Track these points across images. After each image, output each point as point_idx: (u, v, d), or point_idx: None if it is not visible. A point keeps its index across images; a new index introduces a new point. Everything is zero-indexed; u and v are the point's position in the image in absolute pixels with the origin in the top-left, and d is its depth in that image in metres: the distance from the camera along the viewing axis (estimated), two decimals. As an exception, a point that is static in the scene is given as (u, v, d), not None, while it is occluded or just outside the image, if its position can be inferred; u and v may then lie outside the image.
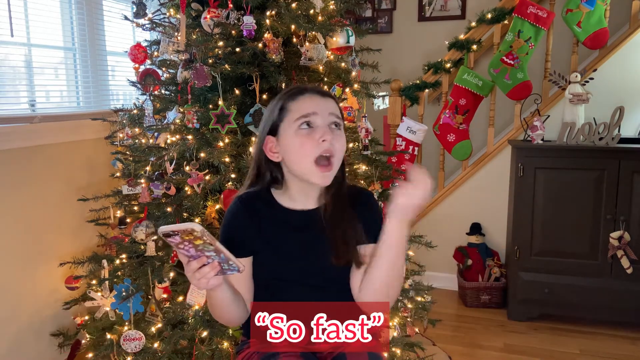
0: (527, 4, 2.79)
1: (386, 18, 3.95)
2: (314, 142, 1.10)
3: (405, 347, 1.86)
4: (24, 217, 2.05)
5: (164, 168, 1.77)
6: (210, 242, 0.93)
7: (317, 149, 1.10)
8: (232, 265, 1.00)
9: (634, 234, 2.56)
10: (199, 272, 0.98)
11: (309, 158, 1.10)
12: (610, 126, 2.57)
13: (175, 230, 0.91)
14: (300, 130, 1.11)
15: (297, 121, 1.12)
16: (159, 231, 0.93)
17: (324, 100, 1.14)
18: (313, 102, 1.13)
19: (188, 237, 0.92)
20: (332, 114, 1.13)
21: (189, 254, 0.98)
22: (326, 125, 1.12)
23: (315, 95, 1.15)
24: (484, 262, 3.00)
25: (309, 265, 1.17)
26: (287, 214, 1.18)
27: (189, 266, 0.98)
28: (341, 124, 1.15)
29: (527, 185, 2.70)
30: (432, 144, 3.38)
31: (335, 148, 1.11)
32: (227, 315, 1.15)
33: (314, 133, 1.10)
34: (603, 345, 2.53)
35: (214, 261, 0.99)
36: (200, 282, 0.99)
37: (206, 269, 0.98)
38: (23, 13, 2.09)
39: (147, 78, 1.94)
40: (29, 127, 2.06)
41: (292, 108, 1.13)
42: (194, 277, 0.99)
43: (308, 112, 1.11)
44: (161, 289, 1.71)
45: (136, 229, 1.69)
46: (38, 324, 2.13)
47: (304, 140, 1.10)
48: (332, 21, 1.84)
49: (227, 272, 1.01)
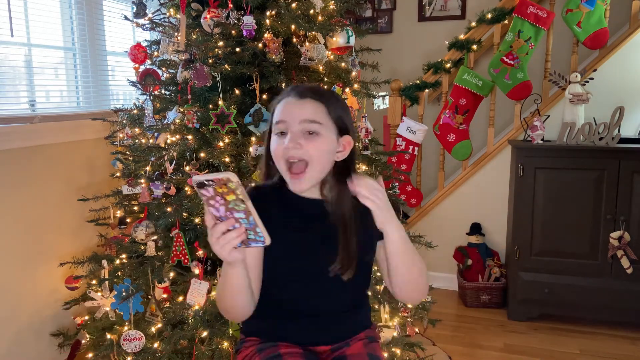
0: (527, 4, 2.79)
1: (386, 18, 3.95)
2: (282, 147, 1.12)
3: (405, 347, 1.86)
4: (24, 217, 2.05)
5: (164, 168, 1.77)
6: (243, 198, 0.91)
7: (284, 153, 1.11)
8: (258, 234, 0.97)
9: (634, 234, 2.56)
10: (224, 237, 0.96)
11: (281, 162, 1.13)
12: (610, 126, 2.57)
13: (211, 179, 0.88)
14: (275, 135, 1.15)
15: (274, 126, 1.15)
16: (194, 180, 0.90)
17: (298, 105, 1.13)
18: (287, 108, 1.14)
19: (221, 190, 0.90)
20: (304, 121, 1.11)
21: (217, 213, 0.95)
22: (297, 132, 1.11)
23: (293, 100, 1.14)
24: (484, 262, 3.00)
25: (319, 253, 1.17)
26: (298, 201, 1.18)
27: (215, 229, 0.96)
28: (318, 130, 1.12)
29: (527, 185, 2.70)
30: (432, 144, 3.38)
31: (307, 153, 1.10)
32: (238, 303, 1.13)
33: (283, 138, 1.12)
34: (603, 345, 2.53)
35: (242, 226, 0.96)
36: (224, 248, 0.97)
37: (232, 233, 0.96)
38: (23, 13, 2.09)
39: (147, 78, 1.94)
40: (29, 127, 2.06)
41: (275, 112, 1.17)
42: (218, 243, 0.97)
43: (279, 119, 1.14)
44: (161, 289, 1.71)
45: (136, 229, 1.69)
46: (38, 324, 2.13)
47: (276, 145, 1.14)
48: (332, 21, 1.84)
49: (251, 243, 0.99)
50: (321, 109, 1.14)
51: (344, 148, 1.17)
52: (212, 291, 1.62)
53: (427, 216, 3.23)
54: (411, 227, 3.18)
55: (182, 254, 1.67)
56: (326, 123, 1.13)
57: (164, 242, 1.77)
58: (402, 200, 3.03)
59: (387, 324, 1.82)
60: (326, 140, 1.13)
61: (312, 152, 1.11)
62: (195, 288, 1.59)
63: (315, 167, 1.12)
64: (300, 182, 1.12)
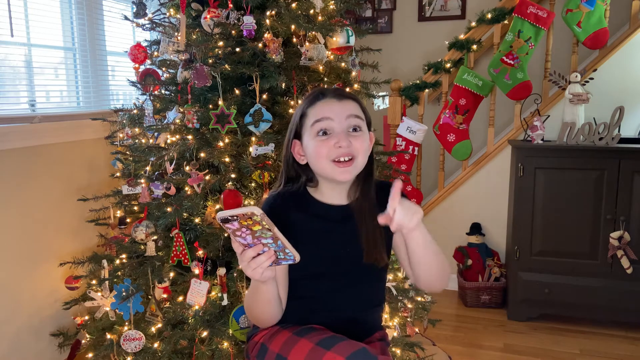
0: (527, 4, 2.79)
1: (386, 18, 3.95)
2: (330, 147, 1.15)
3: (405, 347, 1.86)
4: (24, 217, 2.05)
5: (164, 168, 1.77)
6: (269, 227, 0.93)
7: (333, 152, 1.14)
8: (288, 254, 0.99)
9: (634, 234, 2.56)
10: (254, 261, 0.98)
11: (325, 159, 1.15)
12: (610, 126, 2.57)
13: (235, 215, 0.90)
14: (317, 137, 1.17)
15: (313, 126, 1.17)
16: (218, 216, 0.91)
17: (340, 104, 1.18)
18: (328, 107, 1.17)
19: (246, 222, 0.91)
20: (350, 117, 1.16)
21: (245, 242, 0.97)
22: (343, 129, 1.16)
23: (332, 99, 1.19)
24: (484, 262, 3.00)
25: (342, 256, 1.21)
26: (324, 208, 1.22)
27: (244, 255, 0.98)
28: (361, 126, 1.18)
29: (527, 185, 2.70)
30: (432, 144, 3.38)
31: (354, 148, 1.15)
32: (267, 312, 1.15)
33: (330, 139, 1.15)
34: (603, 345, 2.53)
35: (270, 249, 0.98)
36: (256, 271, 0.99)
37: (262, 257, 0.98)
38: (23, 13, 2.09)
39: (147, 78, 1.94)
40: (29, 127, 2.06)
41: (309, 113, 1.19)
42: (249, 267, 0.99)
43: (322, 116, 1.16)
44: (161, 289, 1.71)
45: (136, 229, 1.69)
46: (38, 324, 2.13)
47: (319, 144, 1.16)
48: (332, 21, 1.84)
49: (281, 262, 1.00)
50: (359, 106, 1.22)
51: (371, 142, 1.24)
52: (212, 291, 1.62)
53: (427, 216, 3.22)
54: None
55: (182, 254, 1.67)
56: (363, 118, 1.21)
57: (164, 242, 1.77)
58: (402, 200, 3.02)
59: (387, 324, 1.83)
60: (366, 136, 1.20)
61: (359, 147, 1.16)
62: (195, 288, 1.59)
63: (360, 160, 1.17)
64: (347, 170, 1.15)
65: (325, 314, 1.21)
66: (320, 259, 1.20)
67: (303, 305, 1.21)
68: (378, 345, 1.24)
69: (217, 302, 1.60)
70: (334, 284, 1.21)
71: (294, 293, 1.21)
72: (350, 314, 1.22)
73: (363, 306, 1.25)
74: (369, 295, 1.26)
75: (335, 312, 1.21)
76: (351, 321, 1.22)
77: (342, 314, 1.21)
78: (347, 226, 1.21)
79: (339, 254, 1.21)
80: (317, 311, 1.21)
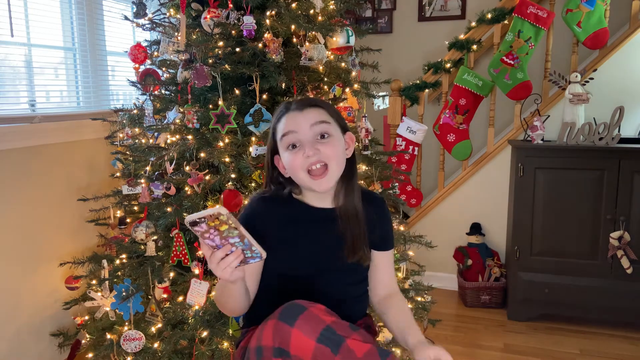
0: (527, 4, 2.79)
1: (386, 18, 3.95)
2: (300, 158, 1.16)
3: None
4: (24, 217, 2.05)
5: (164, 168, 1.77)
6: (235, 226, 0.96)
7: (305, 163, 1.16)
8: (255, 252, 1.02)
9: (634, 234, 2.56)
10: (223, 261, 1.01)
11: (301, 170, 1.17)
12: (610, 126, 2.57)
13: (202, 217, 0.93)
14: (288, 150, 1.19)
15: (282, 141, 1.20)
16: (186, 220, 0.95)
17: (303, 114, 1.19)
18: (292, 120, 1.19)
19: (214, 223, 0.95)
20: (314, 125, 1.17)
21: (213, 244, 1.00)
22: (309, 139, 1.16)
23: (294, 111, 1.20)
24: (484, 262, 2.99)
25: (325, 256, 1.23)
26: (308, 211, 1.24)
27: (214, 256, 1.01)
28: (329, 131, 1.18)
29: (527, 185, 2.70)
30: (432, 144, 3.38)
31: (325, 155, 1.16)
32: (234, 305, 1.19)
33: (299, 151, 1.17)
34: (603, 345, 2.53)
35: (238, 249, 1.01)
36: (225, 271, 1.02)
37: (230, 257, 1.01)
38: (23, 13, 2.09)
39: (147, 78, 1.94)
40: (29, 127, 2.06)
41: (278, 129, 1.21)
42: (219, 268, 1.02)
43: (286, 131, 1.18)
44: (161, 289, 1.71)
45: (136, 229, 1.69)
46: (38, 324, 2.13)
47: (292, 158, 1.18)
48: (332, 21, 1.84)
49: (249, 260, 1.04)
50: (323, 111, 1.21)
51: (348, 145, 1.24)
52: (212, 291, 1.62)
53: (427, 216, 3.23)
54: (411, 227, 3.18)
55: (182, 254, 1.67)
56: (332, 122, 1.21)
57: (164, 242, 1.77)
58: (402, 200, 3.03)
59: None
60: (337, 140, 1.19)
61: (329, 153, 1.16)
62: (195, 288, 1.59)
63: (334, 167, 1.18)
64: (322, 182, 1.17)
65: None
66: (302, 259, 1.22)
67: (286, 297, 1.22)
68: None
69: (217, 302, 1.60)
70: (315, 283, 1.22)
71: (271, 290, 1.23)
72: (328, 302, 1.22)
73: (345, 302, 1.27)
74: (350, 292, 1.28)
75: None
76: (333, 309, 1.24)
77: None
78: (330, 227, 1.23)
79: (321, 254, 1.23)
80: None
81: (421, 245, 2.08)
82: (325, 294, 1.20)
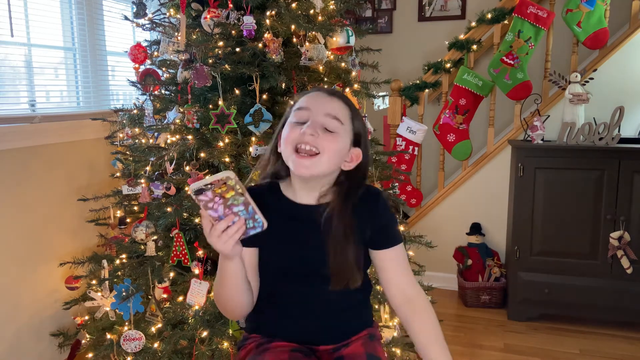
0: (527, 4, 2.79)
1: (386, 18, 3.95)
2: (297, 132, 1.10)
3: (405, 347, 1.86)
4: (24, 217, 2.05)
5: (164, 168, 1.77)
6: (242, 191, 0.94)
7: (298, 138, 1.10)
8: (257, 221, 1.00)
9: (634, 234, 2.56)
10: (225, 233, 0.99)
11: (290, 145, 1.10)
12: (610, 126, 2.57)
13: (209, 183, 0.91)
14: (292, 123, 1.14)
15: (294, 112, 1.14)
16: (191, 188, 0.92)
17: (326, 99, 1.14)
18: (314, 98, 1.14)
19: (220, 190, 0.93)
20: (327, 115, 1.11)
21: (216, 214, 0.98)
22: (318, 122, 1.11)
23: (321, 93, 1.16)
24: (484, 262, 2.99)
25: (307, 258, 1.15)
26: (292, 207, 1.17)
27: (215, 228, 0.99)
28: (338, 130, 1.11)
29: (527, 185, 2.70)
30: (432, 144, 3.38)
31: (321, 145, 1.09)
32: (236, 298, 1.12)
33: (301, 126, 1.11)
34: (603, 345, 2.53)
35: (240, 218, 0.99)
36: (227, 244, 0.99)
37: (233, 228, 0.99)
38: (23, 13, 2.09)
39: (147, 78, 1.94)
40: (29, 127, 2.06)
41: (299, 101, 1.16)
42: (220, 240, 0.99)
43: (301, 106, 1.13)
44: (161, 289, 1.71)
45: (136, 229, 1.69)
46: (38, 324, 2.13)
47: (291, 129, 1.12)
48: (332, 21, 1.84)
49: (250, 232, 1.01)
50: (346, 110, 1.15)
51: (351, 159, 1.15)
52: (212, 291, 1.62)
53: (427, 216, 3.23)
54: (411, 227, 3.18)
55: (182, 254, 1.67)
56: (346, 125, 1.14)
57: (164, 242, 1.77)
58: (402, 200, 3.03)
59: (387, 324, 1.83)
60: (342, 141, 1.12)
61: (326, 145, 1.09)
62: (195, 288, 1.59)
63: (324, 160, 1.10)
64: (304, 163, 1.08)
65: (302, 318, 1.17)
66: (285, 256, 1.16)
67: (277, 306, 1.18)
68: (359, 344, 1.20)
69: (217, 302, 1.60)
70: (299, 285, 1.15)
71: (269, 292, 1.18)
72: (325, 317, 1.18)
73: (337, 307, 1.18)
74: (342, 297, 1.16)
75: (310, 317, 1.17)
76: (330, 322, 1.18)
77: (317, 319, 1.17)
78: (313, 230, 1.14)
79: (303, 255, 1.15)
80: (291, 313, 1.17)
81: (421, 245, 2.08)
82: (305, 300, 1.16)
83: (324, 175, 1.13)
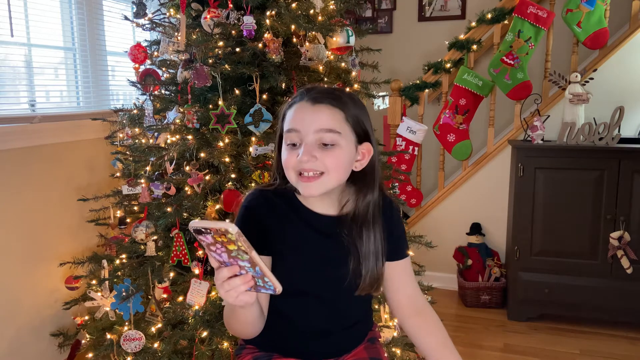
0: (527, 4, 2.79)
1: (386, 18, 3.95)
2: (295, 158, 1.02)
3: (405, 347, 1.86)
4: (24, 217, 2.05)
5: (164, 168, 1.77)
6: (246, 250, 0.81)
7: (298, 165, 1.02)
8: (267, 284, 0.85)
9: (634, 234, 2.56)
10: (229, 282, 0.85)
11: (292, 171, 1.03)
12: (610, 126, 2.57)
13: (208, 228, 0.79)
14: (288, 146, 1.05)
15: (285, 135, 1.06)
16: (190, 225, 0.80)
17: (312, 113, 1.02)
18: (300, 115, 1.03)
19: (221, 239, 0.80)
20: (320, 131, 1.01)
21: (220, 259, 0.85)
22: (311, 142, 1.01)
23: (305, 105, 1.04)
24: (484, 262, 3.00)
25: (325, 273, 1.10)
26: (311, 217, 1.09)
27: (219, 273, 0.85)
28: (335, 141, 1.02)
29: (527, 185, 2.70)
30: (432, 144, 3.38)
31: (323, 165, 1.01)
32: (246, 330, 1.05)
33: (296, 150, 1.03)
34: (603, 345, 2.53)
35: (248, 273, 0.85)
36: (229, 294, 0.85)
37: (237, 280, 0.84)
38: (23, 13, 2.09)
39: (147, 78, 1.94)
40: (29, 127, 2.06)
41: (286, 118, 1.07)
42: (222, 288, 0.85)
43: (290, 127, 1.04)
44: (161, 289, 1.71)
45: (136, 229, 1.69)
46: (38, 324, 2.13)
47: (288, 155, 1.04)
48: (332, 21, 1.84)
49: (260, 289, 0.87)
50: (338, 115, 1.03)
51: (362, 157, 1.08)
52: (212, 291, 1.62)
53: (427, 216, 3.23)
54: (411, 227, 3.18)
55: (182, 254, 1.67)
56: (344, 131, 1.03)
57: (164, 242, 1.77)
58: (402, 200, 3.03)
59: (387, 324, 1.82)
60: (344, 151, 1.03)
61: (329, 163, 1.01)
62: (195, 288, 1.59)
63: (331, 177, 1.03)
64: (311, 186, 1.02)
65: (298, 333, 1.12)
66: (307, 276, 1.08)
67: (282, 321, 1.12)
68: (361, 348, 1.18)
69: (217, 302, 1.60)
70: (317, 304, 1.10)
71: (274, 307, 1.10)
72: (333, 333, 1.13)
73: (347, 323, 1.15)
74: (352, 311, 1.15)
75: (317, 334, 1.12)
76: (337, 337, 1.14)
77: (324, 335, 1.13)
78: (329, 240, 1.08)
79: (322, 269, 1.08)
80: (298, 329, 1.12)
81: (421, 245, 2.08)
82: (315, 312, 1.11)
83: (330, 189, 1.06)
